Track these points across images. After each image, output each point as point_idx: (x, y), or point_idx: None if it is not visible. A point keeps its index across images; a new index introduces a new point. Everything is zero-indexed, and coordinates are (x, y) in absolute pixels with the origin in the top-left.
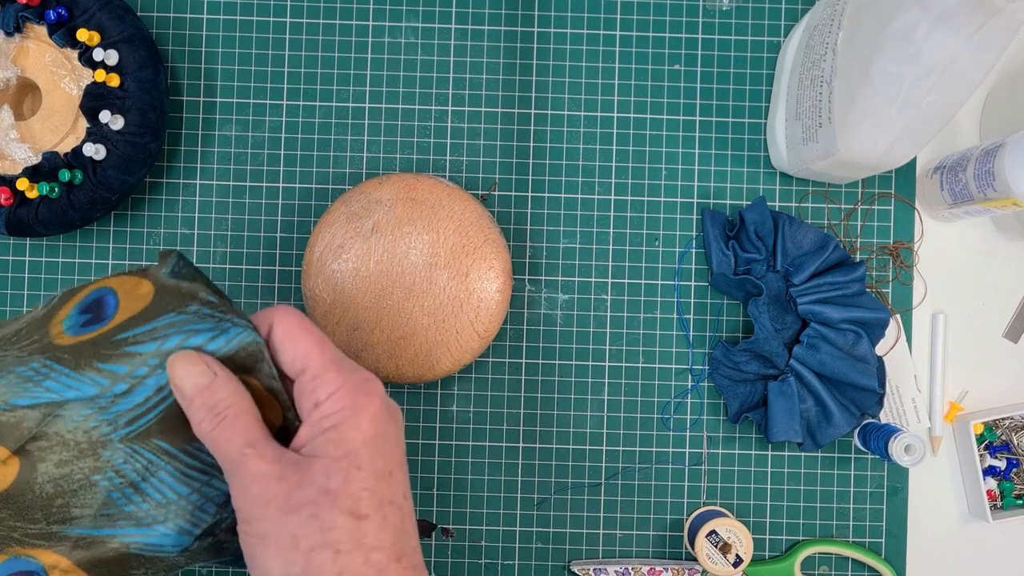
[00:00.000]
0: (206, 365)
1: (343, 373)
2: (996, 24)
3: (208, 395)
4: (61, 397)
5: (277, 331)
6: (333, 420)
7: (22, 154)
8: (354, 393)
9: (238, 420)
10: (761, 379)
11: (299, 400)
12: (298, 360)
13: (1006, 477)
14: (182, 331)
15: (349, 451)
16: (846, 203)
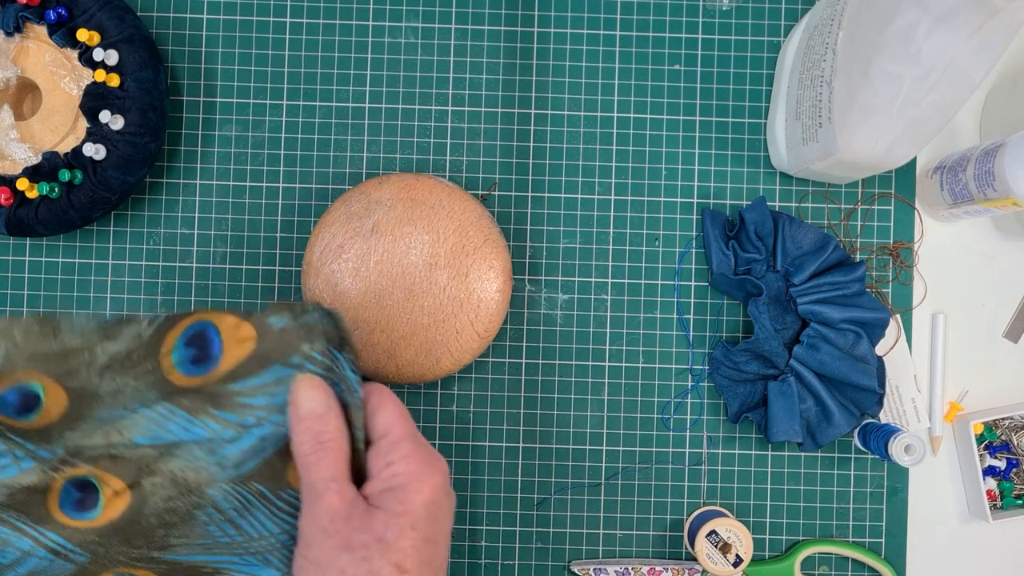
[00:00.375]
0: (326, 396)
1: (417, 445)
2: (996, 24)
3: (318, 423)
4: (178, 438)
5: (373, 400)
6: (400, 480)
7: (22, 154)
8: (422, 463)
9: (333, 454)
10: (761, 379)
11: (374, 458)
12: (382, 425)
13: (1006, 477)
14: (290, 388)
15: (408, 510)
16: (846, 203)
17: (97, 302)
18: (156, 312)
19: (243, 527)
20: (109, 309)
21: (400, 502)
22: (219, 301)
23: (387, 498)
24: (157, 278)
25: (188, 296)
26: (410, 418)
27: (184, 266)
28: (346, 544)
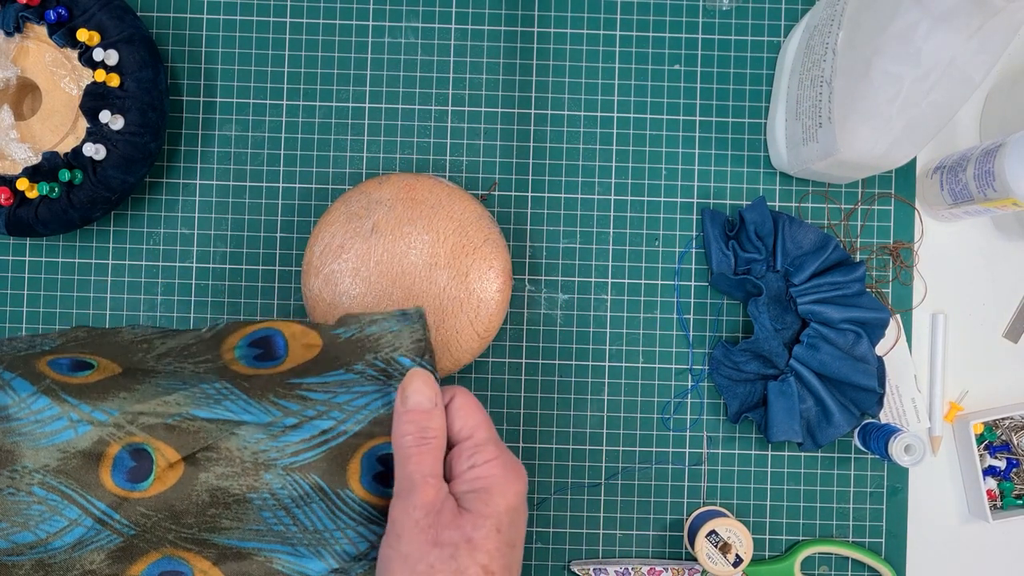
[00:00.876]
0: (434, 392)
1: (501, 450)
2: (996, 24)
3: (425, 417)
4: (238, 418)
5: (456, 401)
6: (485, 483)
7: (22, 154)
8: (506, 467)
9: (436, 451)
10: (761, 379)
11: (456, 459)
12: (466, 428)
13: (1006, 477)
14: (352, 391)
15: (495, 513)
16: (846, 203)
17: (97, 302)
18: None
19: (299, 517)
20: (109, 309)
21: (486, 504)
22: (219, 301)
23: (473, 499)
24: (157, 278)
25: (188, 296)
26: (491, 422)
27: (184, 266)
28: (436, 540)
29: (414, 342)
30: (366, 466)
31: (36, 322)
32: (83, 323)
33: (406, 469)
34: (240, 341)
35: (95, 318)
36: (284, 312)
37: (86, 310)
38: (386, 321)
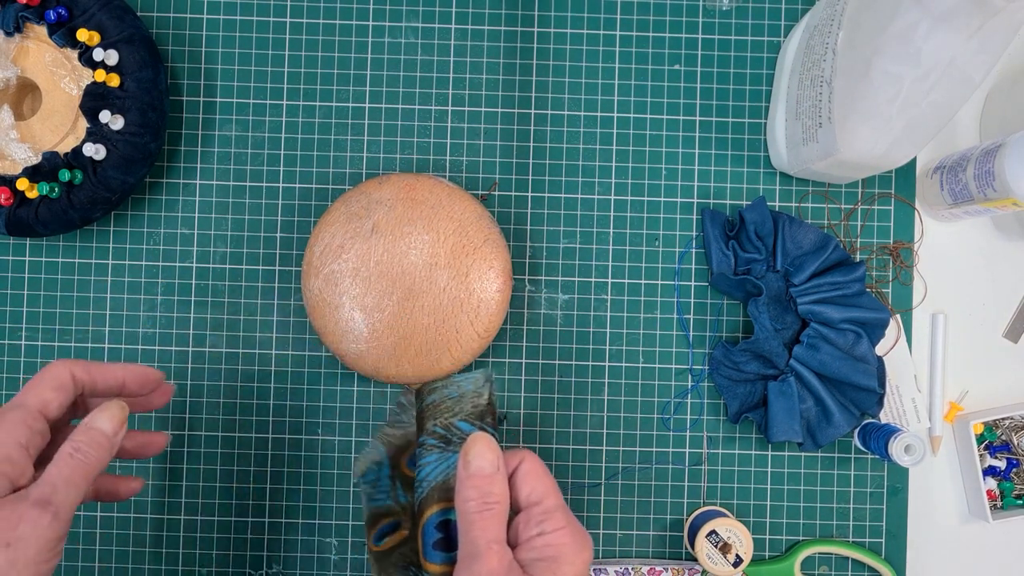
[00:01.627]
0: (496, 457)
1: (570, 518)
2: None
3: (488, 483)
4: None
5: (524, 466)
6: (553, 552)
7: (22, 154)
8: (575, 537)
9: (499, 517)
10: (761, 379)
11: (523, 525)
12: (535, 494)
13: (1006, 477)
14: (418, 464)
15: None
16: (846, 203)
17: (97, 302)
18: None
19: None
20: (109, 309)
21: (555, 573)
22: (219, 301)
23: (540, 568)
24: (157, 278)
25: (188, 296)
26: (559, 489)
27: (184, 266)
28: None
29: (474, 407)
30: (427, 535)
31: (36, 322)
32: (83, 323)
33: (470, 535)
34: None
35: (95, 318)
36: (284, 312)
37: (86, 310)
38: (446, 388)
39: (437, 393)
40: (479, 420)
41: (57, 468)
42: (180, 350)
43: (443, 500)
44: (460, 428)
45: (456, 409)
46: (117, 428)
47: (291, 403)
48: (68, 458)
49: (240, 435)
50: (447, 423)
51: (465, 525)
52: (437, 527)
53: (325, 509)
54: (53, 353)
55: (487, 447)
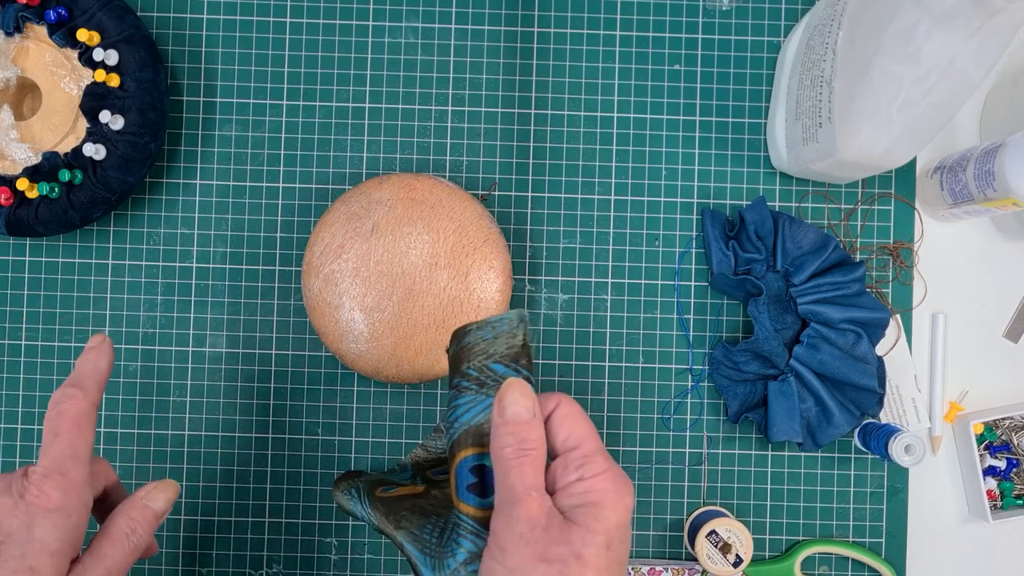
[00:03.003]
0: (532, 402)
1: (608, 462)
2: (996, 24)
3: (525, 428)
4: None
5: (561, 410)
6: (595, 497)
7: (22, 154)
8: (616, 481)
9: (537, 463)
10: (761, 379)
11: (561, 471)
12: (572, 438)
13: (1006, 477)
14: (451, 406)
15: (606, 528)
16: (846, 203)
17: (97, 302)
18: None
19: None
20: (109, 309)
21: (596, 519)
22: (219, 301)
23: (582, 514)
24: (157, 278)
25: (188, 296)
26: (597, 432)
27: (184, 266)
28: (543, 555)
29: (508, 347)
30: (460, 477)
31: (36, 322)
32: (83, 323)
33: (507, 481)
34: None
35: (95, 318)
36: (284, 312)
37: (86, 310)
38: (480, 330)
39: (471, 335)
40: (513, 362)
41: (112, 549)
42: (180, 350)
43: (477, 444)
44: (494, 370)
45: (490, 351)
46: (168, 509)
47: (291, 403)
48: (124, 539)
49: (240, 435)
50: (481, 365)
51: (502, 472)
52: (471, 471)
53: (325, 509)
54: (53, 353)
55: (522, 392)
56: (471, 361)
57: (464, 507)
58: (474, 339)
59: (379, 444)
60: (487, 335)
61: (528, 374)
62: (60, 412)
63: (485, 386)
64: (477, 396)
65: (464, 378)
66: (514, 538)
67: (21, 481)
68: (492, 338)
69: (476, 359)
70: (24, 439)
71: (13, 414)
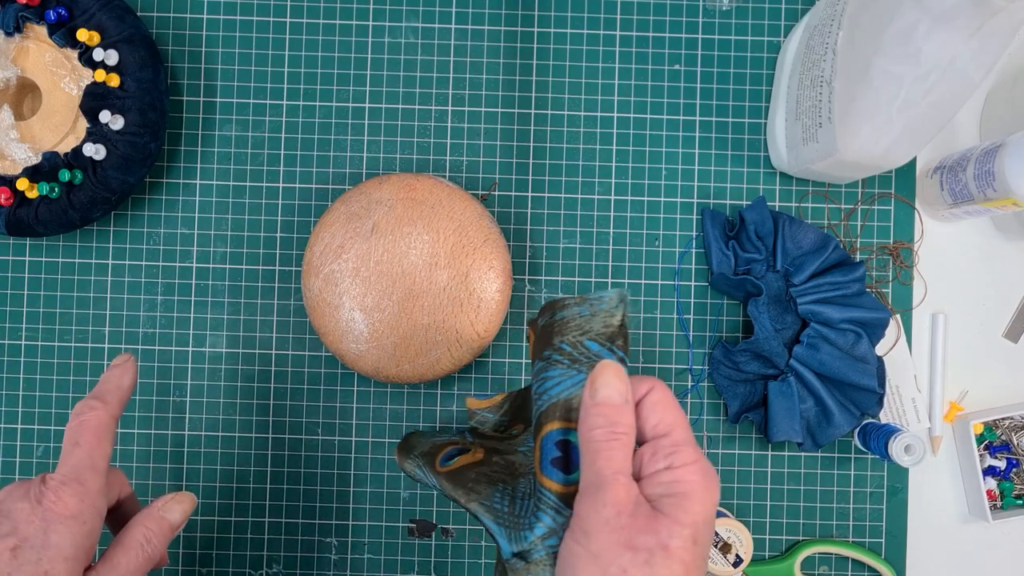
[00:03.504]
0: (625, 386)
1: (698, 452)
2: (996, 24)
3: (616, 412)
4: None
5: (654, 395)
6: (684, 488)
7: (22, 154)
8: (706, 473)
9: (626, 448)
10: (761, 379)
11: (649, 457)
12: (663, 424)
13: (1006, 477)
14: (539, 377)
15: (694, 522)
16: (846, 203)
17: (97, 302)
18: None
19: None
20: (109, 309)
21: (685, 512)
22: (219, 301)
23: (669, 504)
24: (157, 278)
25: (188, 296)
26: (688, 422)
27: (184, 266)
28: (629, 543)
29: (605, 326)
30: (545, 450)
31: (36, 322)
32: (83, 323)
33: (595, 464)
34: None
35: (95, 318)
36: (284, 312)
37: (86, 310)
38: (578, 306)
39: (568, 310)
40: (609, 342)
41: (126, 558)
42: (180, 350)
43: (564, 419)
44: (588, 347)
45: (586, 327)
46: (184, 522)
47: (291, 403)
48: (139, 549)
49: (240, 435)
50: (575, 340)
51: (590, 454)
52: (557, 444)
53: (325, 509)
54: (53, 353)
55: (615, 375)
56: (565, 336)
57: (547, 481)
58: (570, 314)
59: (379, 444)
60: (584, 311)
61: (623, 355)
62: (81, 423)
63: (578, 362)
64: (568, 370)
65: (557, 352)
66: (600, 522)
67: (39, 487)
68: (589, 315)
69: (571, 334)
70: (24, 439)
71: (13, 414)
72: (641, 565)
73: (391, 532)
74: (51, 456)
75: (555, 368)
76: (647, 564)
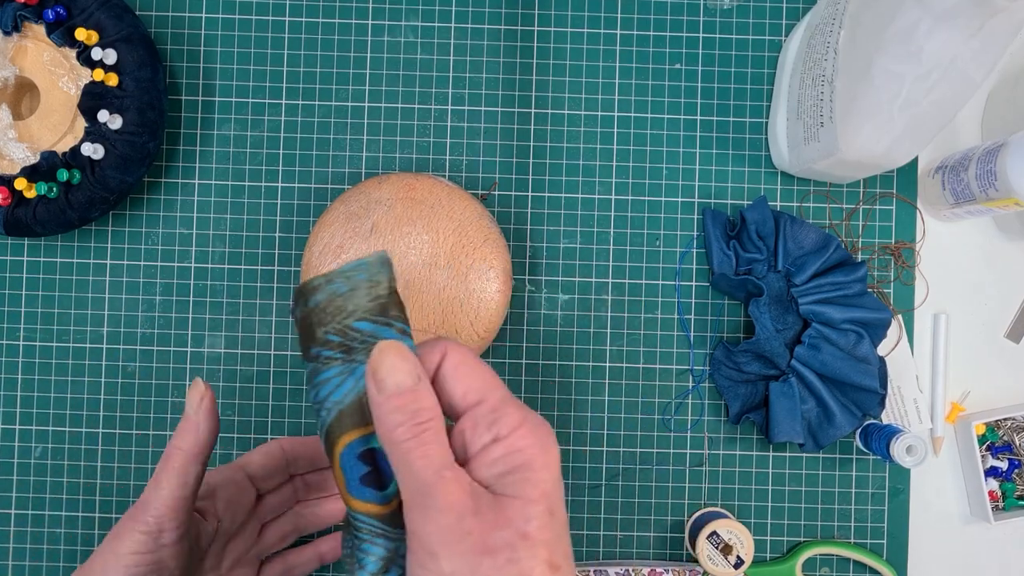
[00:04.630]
0: (412, 364)
1: (522, 410)
2: (997, 24)
3: (411, 399)
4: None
5: (451, 360)
6: (522, 458)
7: (20, 154)
8: (538, 431)
9: (439, 435)
10: (762, 379)
11: (468, 432)
12: (472, 391)
13: (1008, 478)
14: (314, 384)
15: (544, 493)
16: (848, 203)
17: (95, 302)
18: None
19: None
20: (107, 309)
21: (532, 485)
22: (218, 302)
23: (513, 482)
24: (156, 278)
25: (187, 296)
26: (498, 377)
27: (183, 266)
28: (483, 546)
29: (372, 299)
30: (348, 470)
31: (34, 322)
32: (81, 324)
33: (411, 468)
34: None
35: (93, 318)
36: (283, 312)
37: (84, 310)
38: (331, 284)
39: (321, 292)
40: (382, 315)
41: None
42: (179, 350)
43: (360, 425)
44: (360, 329)
45: (349, 308)
46: (196, 404)
47: (290, 404)
48: (163, 460)
49: (239, 436)
50: (342, 327)
51: (400, 458)
52: (361, 458)
53: None
54: (51, 354)
55: (397, 355)
56: (328, 324)
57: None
58: (325, 296)
59: None
60: (341, 288)
61: (403, 326)
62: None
63: (353, 351)
64: (347, 365)
65: (324, 346)
66: (442, 535)
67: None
68: (348, 291)
69: (334, 321)
70: (22, 439)
71: (11, 415)
72: (505, 566)
73: None
74: (49, 457)
75: (329, 368)
76: (511, 562)
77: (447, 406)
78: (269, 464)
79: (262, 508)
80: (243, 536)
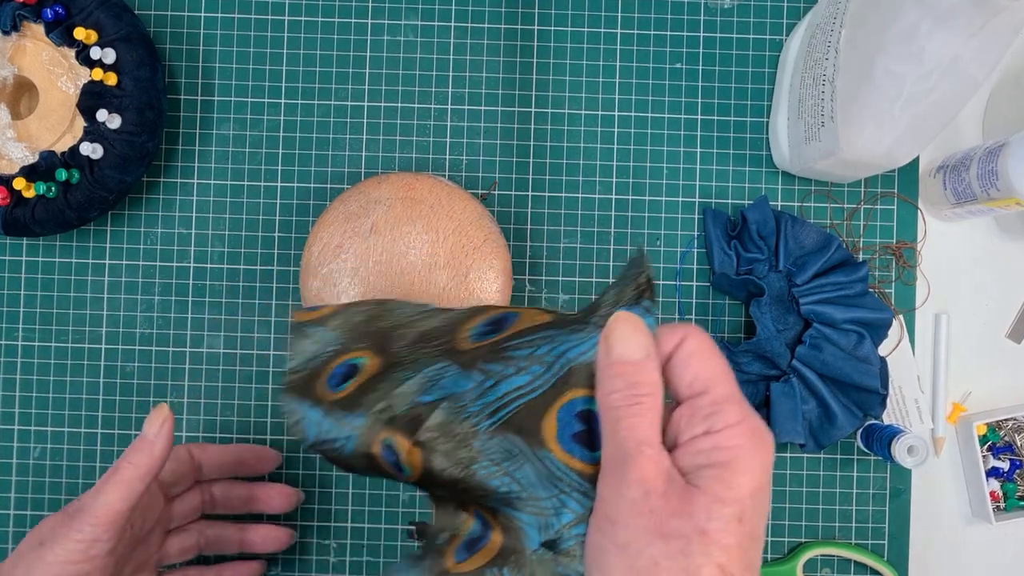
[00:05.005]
0: (646, 339)
1: (745, 409)
2: (998, 23)
3: (635, 370)
4: (449, 392)
5: (688, 346)
6: (725, 455)
7: (19, 153)
8: (754, 435)
9: (652, 412)
10: (763, 380)
11: (684, 421)
12: (700, 380)
13: (1009, 478)
14: (554, 340)
15: (738, 497)
16: (849, 203)
17: (94, 302)
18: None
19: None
20: (107, 309)
21: (727, 485)
22: (217, 302)
23: (708, 477)
24: (155, 278)
25: (186, 296)
26: (732, 372)
27: (182, 266)
28: (660, 529)
29: (635, 289)
30: (563, 423)
31: (33, 322)
32: (80, 324)
33: (616, 436)
34: (478, 324)
35: (92, 319)
36: (283, 312)
37: (83, 310)
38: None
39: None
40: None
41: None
42: (178, 351)
43: (588, 385)
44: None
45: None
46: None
47: None
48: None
49: (238, 436)
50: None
51: (610, 423)
52: (579, 416)
53: (324, 510)
54: (50, 354)
55: (632, 328)
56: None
57: (569, 459)
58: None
59: None
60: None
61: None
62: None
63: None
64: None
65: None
66: (625, 506)
67: None
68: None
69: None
70: (21, 440)
71: (10, 415)
72: (676, 555)
73: (391, 534)
74: (48, 457)
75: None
76: (682, 554)
77: (674, 390)
78: (178, 469)
79: (168, 514)
80: (148, 542)
